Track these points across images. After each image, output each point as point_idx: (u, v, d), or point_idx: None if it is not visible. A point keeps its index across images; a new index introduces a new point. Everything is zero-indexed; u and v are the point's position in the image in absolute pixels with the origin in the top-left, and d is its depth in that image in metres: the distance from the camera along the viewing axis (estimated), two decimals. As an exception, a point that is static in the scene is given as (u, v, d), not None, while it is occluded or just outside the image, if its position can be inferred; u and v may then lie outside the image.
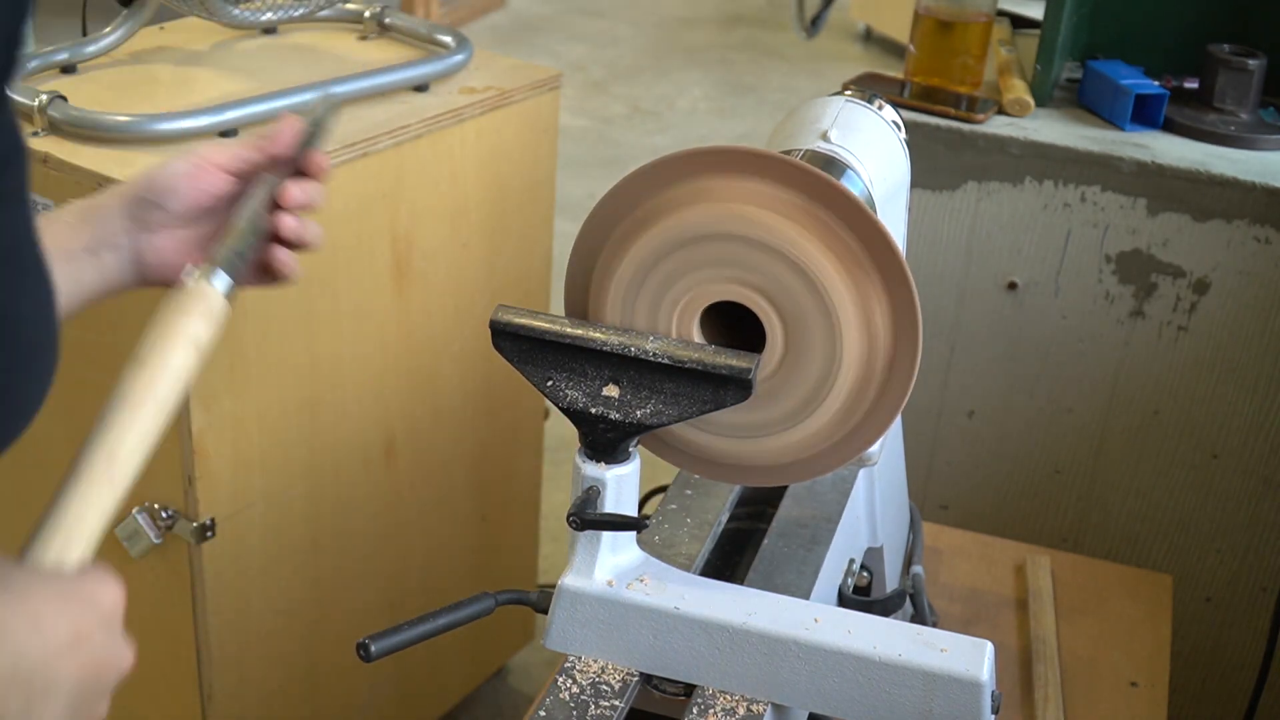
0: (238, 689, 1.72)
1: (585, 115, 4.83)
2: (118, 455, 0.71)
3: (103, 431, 0.72)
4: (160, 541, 1.62)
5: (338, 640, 1.83)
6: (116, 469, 0.71)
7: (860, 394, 0.95)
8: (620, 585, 1.00)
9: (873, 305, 0.92)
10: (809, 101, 1.20)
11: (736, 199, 0.93)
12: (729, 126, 4.85)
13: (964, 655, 0.95)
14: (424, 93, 1.80)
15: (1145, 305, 1.79)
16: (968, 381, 1.91)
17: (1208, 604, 1.91)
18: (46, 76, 1.71)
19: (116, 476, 0.71)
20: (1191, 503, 1.86)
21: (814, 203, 0.92)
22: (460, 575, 2.07)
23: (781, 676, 0.98)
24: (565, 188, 2.35)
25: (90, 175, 1.50)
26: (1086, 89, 1.89)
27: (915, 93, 1.85)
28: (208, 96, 1.68)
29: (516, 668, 2.39)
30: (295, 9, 1.81)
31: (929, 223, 1.85)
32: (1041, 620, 1.50)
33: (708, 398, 0.94)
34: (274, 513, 1.70)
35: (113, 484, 0.71)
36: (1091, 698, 1.42)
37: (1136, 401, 1.84)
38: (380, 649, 0.93)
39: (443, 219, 1.81)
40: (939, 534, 1.66)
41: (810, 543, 1.18)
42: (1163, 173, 1.72)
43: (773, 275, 0.93)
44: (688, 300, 0.96)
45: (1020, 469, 1.94)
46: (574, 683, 1.00)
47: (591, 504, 0.97)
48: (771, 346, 0.95)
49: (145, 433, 0.73)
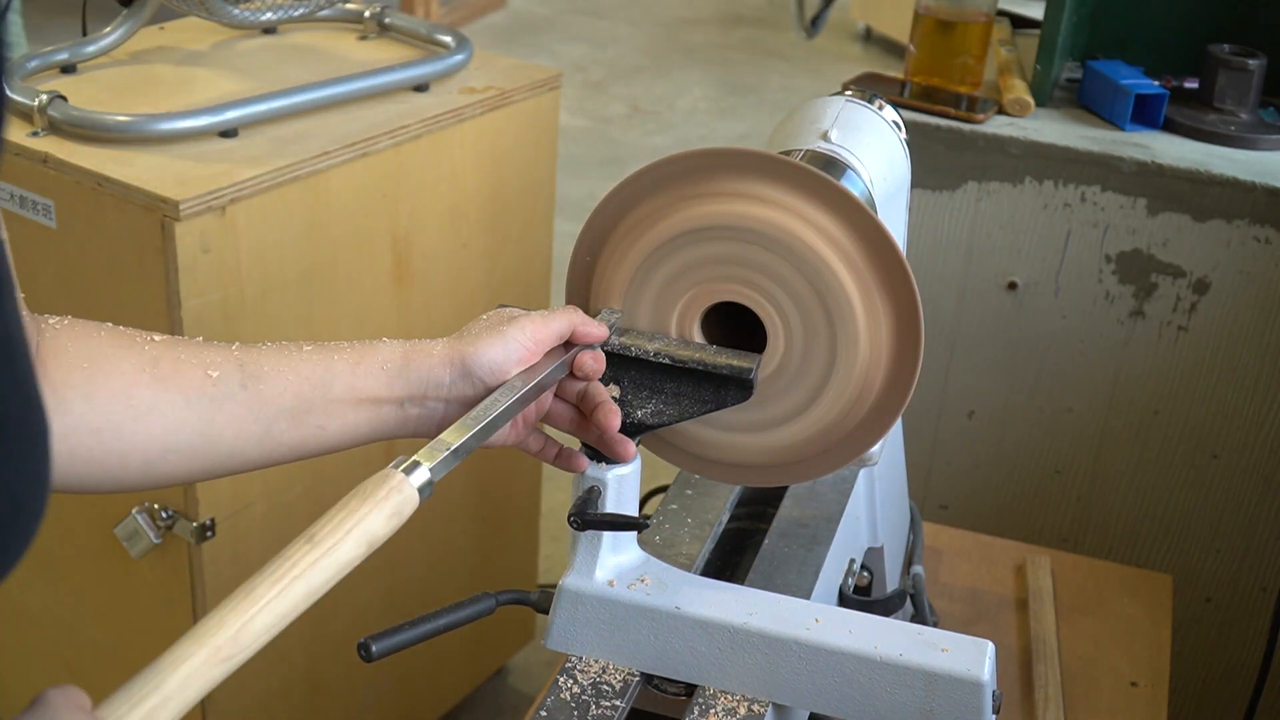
0: (238, 689, 1.72)
1: (585, 115, 4.83)
2: (244, 633, 0.68)
3: (241, 602, 0.69)
4: (160, 541, 1.62)
5: (338, 640, 1.83)
6: (239, 648, 0.67)
7: (861, 395, 0.95)
8: (621, 585, 1.00)
9: (874, 306, 0.92)
10: (809, 101, 1.20)
11: (738, 199, 0.93)
12: (729, 126, 4.85)
13: (965, 655, 0.95)
14: (424, 93, 1.80)
15: (1145, 305, 1.79)
16: (968, 381, 1.91)
17: (1208, 604, 1.91)
18: (46, 76, 1.71)
19: (235, 655, 0.67)
20: (1191, 503, 1.86)
21: (815, 203, 0.92)
22: (460, 575, 2.07)
23: (782, 676, 0.98)
24: (565, 188, 2.35)
25: (90, 175, 1.50)
26: (1086, 89, 1.89)
27: (915, 93, 1.85)
28: (208, 96, 1.68)
29: (516, 668, 2.39)
30: (295, 9, 1.81)
31: (929, 223, 1.85)
32: (1042, 620, 1.50)
33: (709, 398, 0.94)
34: (274, 513, 1.70)
35: (228, 661, 0.67)
36: (1091, 698, 1.42)
37: (1136, 401, 1.84)
38: (381, 649, 0.92)
39: (443, 219, 1.81)
40: (939, 534, 1.66)
41: (811, 543, 1.18)
42: (1163, 173, 1.72)
43: (774, 276, 0.93)
44: (689, 300, 0.96)
45: (1020, 469, 1.94)
46: (575, 683, 1.00)
47: (592, 504, 0.97)
48: (773, 347, 0.95)
49: (282, 617, 0.70)
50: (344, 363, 0.88)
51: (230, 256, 1.53)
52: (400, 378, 0.89)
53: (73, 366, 0.80)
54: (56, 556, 1.76)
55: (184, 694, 0.65)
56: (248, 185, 1.52)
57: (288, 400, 0.86)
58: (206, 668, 0.66)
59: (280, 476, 1.69)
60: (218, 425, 0.84)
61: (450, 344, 0.90)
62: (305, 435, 0.87)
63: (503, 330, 0.90)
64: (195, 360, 0.84)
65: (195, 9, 1.69)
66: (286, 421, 0.86)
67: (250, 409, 0.85)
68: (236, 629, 0.68)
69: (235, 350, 0.86)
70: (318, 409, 0.87)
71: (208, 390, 0.83)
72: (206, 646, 0.66)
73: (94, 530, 1.68)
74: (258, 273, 1.57)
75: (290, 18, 1.82)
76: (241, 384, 0.85)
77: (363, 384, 0.88)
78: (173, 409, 0.82)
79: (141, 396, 0.81)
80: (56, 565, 1.77)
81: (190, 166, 1.53)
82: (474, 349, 0.89)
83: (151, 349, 0.83)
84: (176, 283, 1.48)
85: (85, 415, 0.79)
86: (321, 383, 0.87)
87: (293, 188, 1.58)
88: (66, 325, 0.82)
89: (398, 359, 0.89)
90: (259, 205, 1.54)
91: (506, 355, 0.90)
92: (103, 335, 0.83)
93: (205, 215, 1.48)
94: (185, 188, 1.48)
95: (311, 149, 1.61)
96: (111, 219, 1.50)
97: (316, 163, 1.60)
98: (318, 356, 0.87)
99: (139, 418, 0.81)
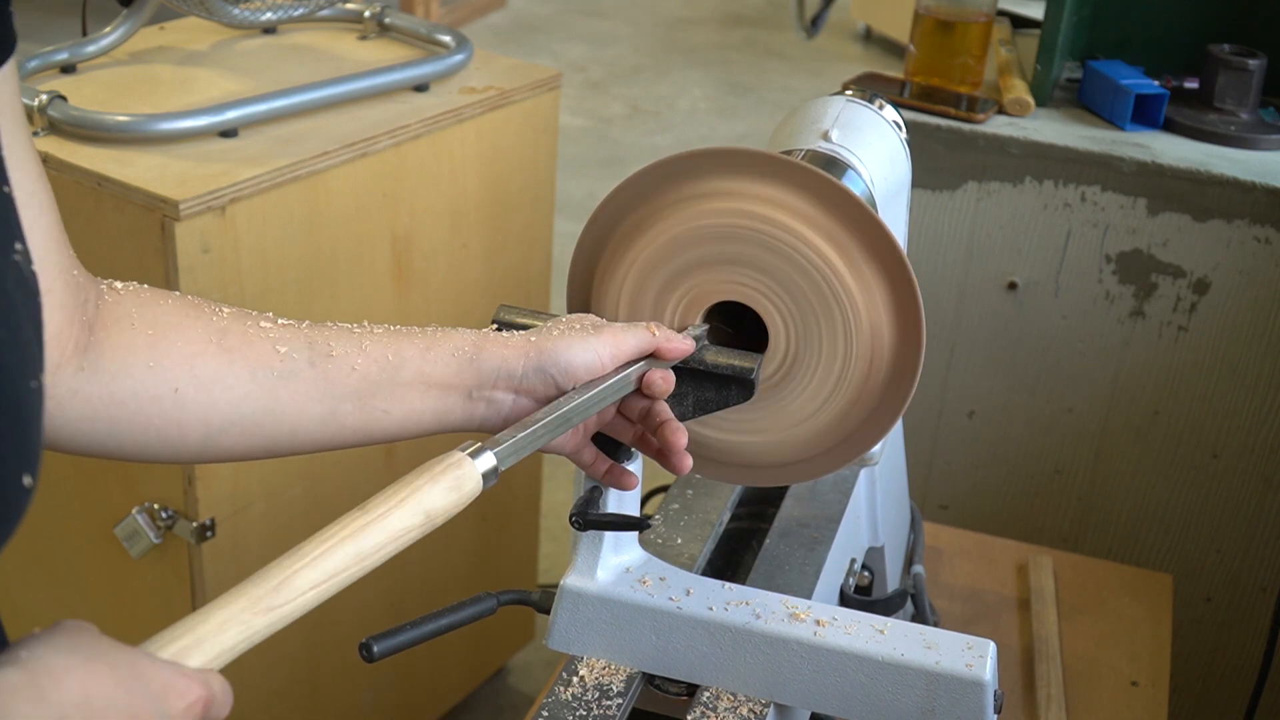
0: (238, 689, 1.71)
1: (585, 115, 4.83)
2: (287, 587, 0.67)
3: (291, 559, 0.68)
4: (160, 541, 1.62)
5: (338, 640, 1.83)
6: (281, 600, 0.67)
7: (862, 394, 0.95)
8: (622, 585, 1.00)
9: (875, 306, 0.92)
10: (810, 101, 1.19)
11: (738, 199, 0.93)
12: (729, 126, 4.85)
13: (966, 655, 0.95)
14: (424, 93, 1.80)
15: (1145, 305, 1.79)
16: (968, 381, 1.91)
17: (1208, 604, 1.91)
18: (46, 76, 1.71)
19: (278, 609, 0.67)
20: (1191, 503, 1.86)
21: (816, 203, 0.92)
22: (460, 575, 2.07)
23: (783, 676, 0.98)
24: (565, 188, 2.35)
25: (90, 175, 1.50)
26: (1086, 89, 1.89)
27: (915, 93, 1.85)
28: (208, 96, 1.68)
29: (516, 668, 2.39)
30: (295, 9, 1.81)
31: (929, 223, 1.85)
32: (1044, 620, 1.50)
33: (710, 398, 0.94)
34: (274, 513, 1.69)
35: (269, 614, 0.66)
36: (1092, 697, 1.42)
37: (1136, 401, 1.84)
38: (383, 649, 0.92)
39: (443, 219, 1.81)
40: (939, 534, 1.66)
41: (812, 542, 1.18)
42: (1163, 173, 1.72)
43: (775, 275, 0.93)
44: (690, 300, 0.96)
45: (1020, 469, 1.94)
46: (576, 683, 1.00)
47: (594, 504, 0.97)
48: (774, 346, 0.95)
49: (330, 575, 0.69)
50: (414, 347, 0.87)
51: (230, 256, 1.53)
52: (471, 365, 0.87)
53: (136, 333, 0.79)
54: (56, 556, 1.76)
55: (219, 638, 0.65)
56: (248, 185, 1.52)
57: (354, 381, 0.85)
58: (246, 616, 0.66)
59: (280, 477, 1.69)
60: (282, 402, 0.83)
61: (528, 337, 0.89)
62: (369, 418, 0.86)
63: (587, 336, 0.89)
64: (264, 335, 0.83)
65: (195, 9, 1.69)
66: (352, 403, 0.85)
67: (316, 387, 0.84)
68: (278, 581, 0.67)
69: (305, 328, 0.85)
70: (384, 392, 0.86)
71: (275, 365, 0.83)
72: (246, 595, 0.66)
73: (94, 530, 1.68)
74: (258, 273, 1.57)
75: (290, 18, 1.82)
76: (310, 361, 0.84)
77: (432, 369, 0.86)
78: (238, 381, 0.82)
79: (207, 366, 0.81)
80: (56, 565, 1.77)
81: (190, 166, 1.53)
82: (554, 345, 0.88)
83: (219, 320, 0.83)
84: (176, 283, 1.48)
85: (147, 382, 0.79)
86: (390, 366, 0.86)
87: (293, 188, 1.58)
88: (132, 290, 0.82)
89: (470, 346, 0.88)
90: (259, 205, 1.54)
91: (586, 359, 0.88)
92: (170, 303, 0.82)
93: (205, 215, 1.48)
94: (185, 188, 1.48)
95: (311, 149, 1.61)
96: (111, 219, 1.50)
97: (316, 163, 1.60)
98: (388, 339, 0.87)
99: (202, 387, 0.81)
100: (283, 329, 0.85)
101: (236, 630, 0.65)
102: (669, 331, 0.93)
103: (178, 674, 0.63)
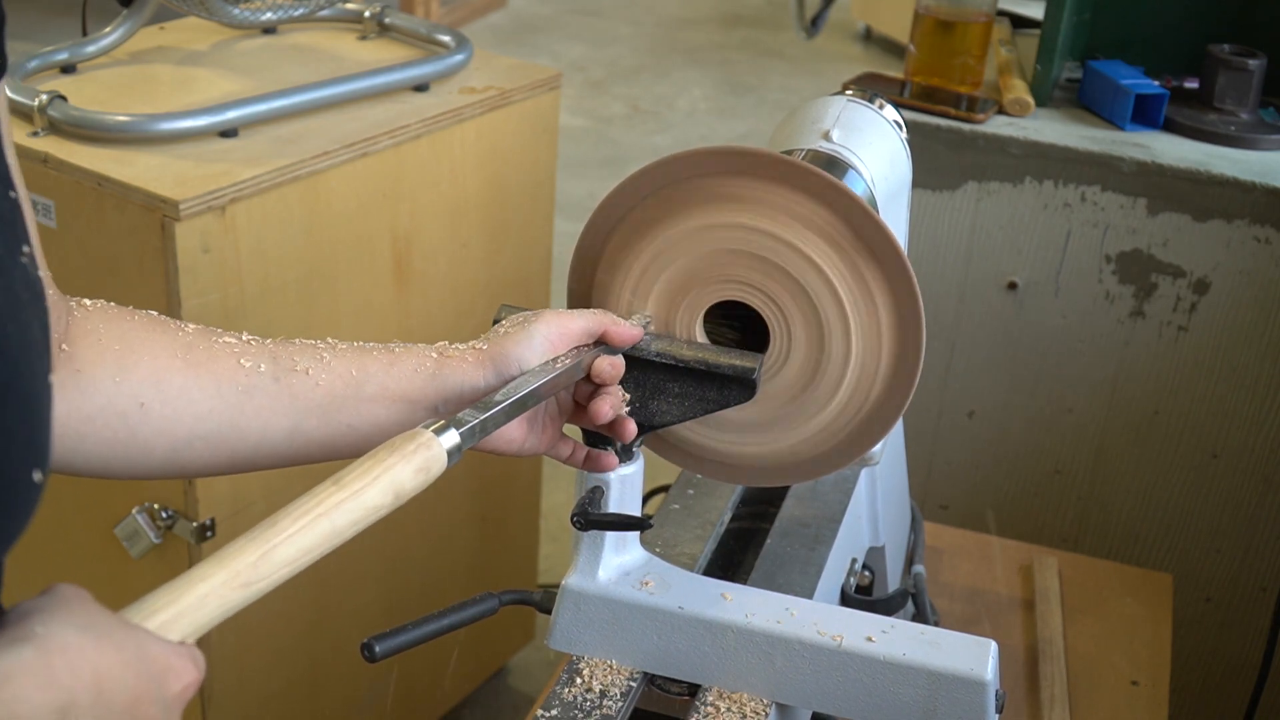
0: (238, 689, 1.72)
1: (585, 115, 4.83)
2: (265, 562, 0.68)
3: (264, 532, 0.69)
4: (160, 541, 1.62)
5: (338, 640, 1.83)
6: (258, 575, 0.67)
7: (863, 395, 0.95)
8: (624, 585, 1.00)
9: (876, 306, 0.92)
10: (810, 101, 1.19)
11: (738, 198, 0.93)
12: (729, 126, 4.85)
13: (968, 654, 0.95)
14: (424, 93, 1.80)
15: (1145, 305, 1.79)
16: (968, 381, 1.91)
17: (1208, 604, 1.91)
18: (46, 76, 1.71)
19: (254, 583, 0.67)
20: (1191, 503, 1.86)
21: (817, 203, 0.92)
22: (460, 575, 2.07)
23: (785, 676, 0.98)
24: (565, 188, 2.35)
25: (90, 175, 1.50)
26: (1086, 89, 1.89)
27: (915, 93, 1.85)
28: (208, 96, 1.68)
29: (516, 668, 2.39)
30: (295, 9, 1.81)
31: (929, 223, 1.85)
32: (1049, 620, 1.50)
33: (712, 398, 0.94)
34: (274, 512, 1.69)
35: (247, 588, 0.67)
36: (1092, 697, 1.42)
37: (1136, 401, 1.84)
38: (384, 649, 0.92)
39: (443, 219, 1.81)
40: (939, 534, 1.66)
41: (813, 542, 1.18)
42: (1163, 173, 1.72)
43: (776, 275, 0.93)
44: (691, 299, 0.96)
45: (1020, 469, 1.94)
46: (577, 683, 1.00)
47: (595, 504, 0.97)
48: (775, 346, 0.95)
49: (305, 552, 0.70)
50: (378, 363, 0.88)
51: (230, 256, 1.53)
52: (434, 381, 0.88)
53: (104, 348, 0.80)
54: (56, 556, 1.76)
55: (199, 612, 0.65)
56: (248, 185, 1.52)
57: (319, 396, 0.86)
58: (225, 590, 0.66)
59: (280, 477, 1.68)
60: (247, 416, 0.84)
61: (478, 349, 0.90)
62: (334, 433, 0.87)
63: (527, 326, 0.91)
64: (229, 350, 0.84)
65: (195, 9, 1.69)
66: (317, 418, 0.86)
67: (281, 401, 0.85)
68: (257, 557, 0.67)
69: (270, 343, 0.86)
70: (349, 407, 0.86)
71: (240, 380, 0.84)
72: (226, 569, 0.66)
73: (94, 530, 1.68)
74: (258, 273, 1.57)
75: (290, 18, 1.82)
76: (274, 376, 0.85)
77: (395, 384, 0.87)
78: (203, 395, 0.82)
79: (172, 381, 0.81)
80: (56, 565, 1.77)
81: (190, 166, 1.53)
82: (504, 346, 0.89)
83: (184, 336, 0.84)
84: (176, 283, 1.48)
85: (114, 397, 0.80)
86: (354, 381, 0.87)
87: (293, 188, 1.58)
88: (99, 307, 0.83)
89: (431, 365, 0.89)
90: (259, 205, 1.54)
91: (537, 346, 0.90)
92: (136, 319, 0.83)
93: (205, 215, 1.48)
94: (185, 188, 1.48)
95: (311, 149, 1.61)
96: (111, 219, 1.50)
97: (316, 163, 1.60)
98: (351, 355, 0.88)
99: (168, 401, 0.81)
100: (247, 344, 0.86)
101: (216, 604, 0.66)
102: (615, 317, 0.94)
103: (176, 655, 0.63)
